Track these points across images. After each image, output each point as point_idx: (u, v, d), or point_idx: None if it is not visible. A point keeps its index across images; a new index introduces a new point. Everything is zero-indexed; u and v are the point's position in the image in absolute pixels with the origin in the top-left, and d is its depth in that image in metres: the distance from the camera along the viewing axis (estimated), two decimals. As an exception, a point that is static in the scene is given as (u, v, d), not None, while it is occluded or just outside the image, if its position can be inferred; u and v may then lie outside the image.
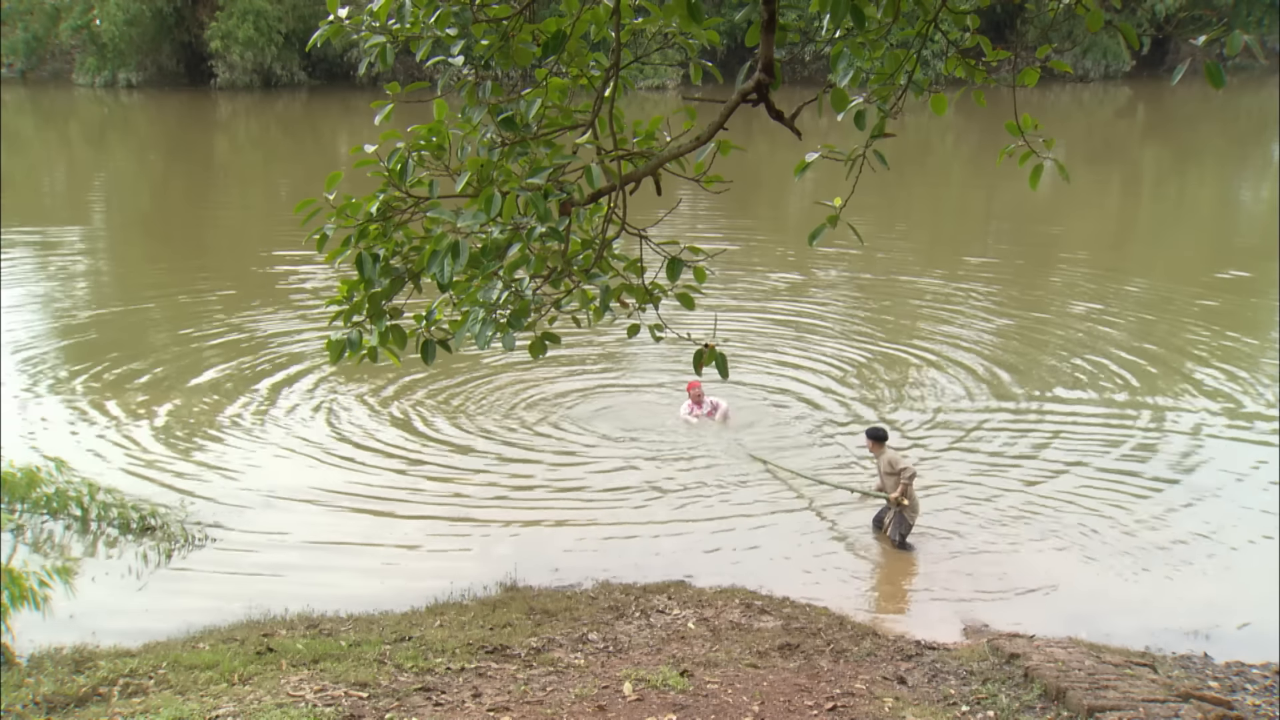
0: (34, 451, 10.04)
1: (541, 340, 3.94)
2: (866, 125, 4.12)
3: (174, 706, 5.49)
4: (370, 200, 3.72)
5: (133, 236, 22.30)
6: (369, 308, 3.79)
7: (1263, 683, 6.91)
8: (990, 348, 14.05)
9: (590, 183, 3.65)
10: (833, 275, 18.26)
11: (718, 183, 3.92)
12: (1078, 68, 48.61)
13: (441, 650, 6.60)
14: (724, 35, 29.01)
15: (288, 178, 30.09)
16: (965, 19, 4.12)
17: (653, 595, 7.88)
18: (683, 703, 5.76)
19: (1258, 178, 30.44)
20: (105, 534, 8.90)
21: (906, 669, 6.68)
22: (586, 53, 3.88)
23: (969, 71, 4.13)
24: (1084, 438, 11.08)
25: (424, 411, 11.70)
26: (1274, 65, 44.01)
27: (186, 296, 16.52)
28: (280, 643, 6.70)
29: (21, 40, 48.84)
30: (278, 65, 46.61)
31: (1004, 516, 9.41)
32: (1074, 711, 5.82)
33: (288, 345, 13.94)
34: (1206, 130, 38.19)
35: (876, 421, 11.28)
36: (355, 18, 3.64)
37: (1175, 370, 13.14)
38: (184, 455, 10.63)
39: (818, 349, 14.03)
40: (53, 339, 14.59)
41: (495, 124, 3.74)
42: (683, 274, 3.88)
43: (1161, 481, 10.14)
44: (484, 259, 3.54)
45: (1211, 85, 3.49)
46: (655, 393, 12.44)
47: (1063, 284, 17.68)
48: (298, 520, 9.35)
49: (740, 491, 9.96)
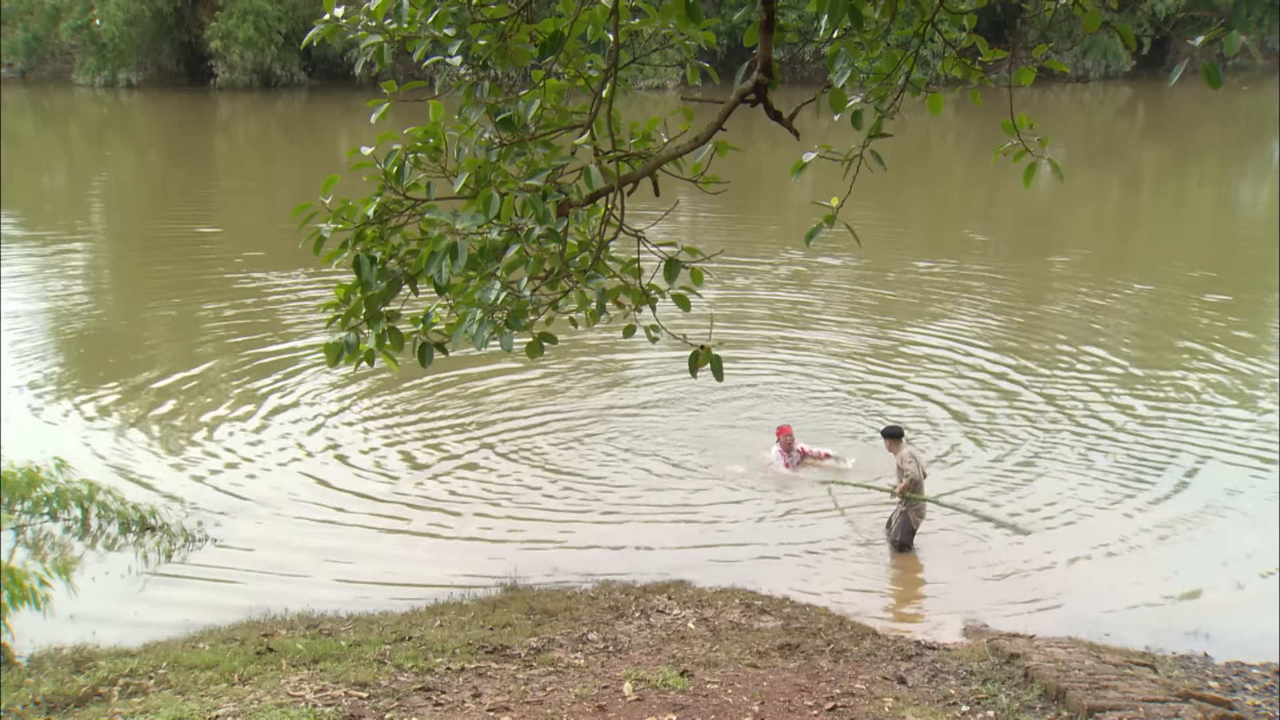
0: (34, 451, 10.04)
1: (539, 341, 3.94)
2: (864, 125, 4.11)
3: (174, 706, 5.49)
4: (367, 203, 3.72)
5: (132, 236, 22.29)
6: (366, 311, 3.79)
7: (1263, 683, 6.91)
8: (988, 348, 14.04)
9: (588, 183, 3.65)
10: (832, 275, 18.24)
11: (715, 183, 3.91)
12: (1077, 68, 48.56)
13: (441, 650, 6.60)
14: (722, 35, 29.02)
15: (287, 178, 30.09)
16: (962, 19, 4.12)
17: (653, 595, 7.88)
18: (683, 703, 5.76)
19: (1258, 177, 30.43)
20: (105, 534, 8.91)
21: (906, 669, 6.68)
22: (584, 54, 3.87)
23: (966, 71, 4.13)
24: (1083, 437, 11.08)
25: (423, 412, 11.70)
26: (1274, 65, 44.04)
27: (187, 297, 16.51)
28: (280, 643, 6.70)
29: (21, 40, 48.80)
30: (277, 65, 46.60)
31: (1004, 516, 9.40)
32: (1074, 711, 5.81)
33: (288, 346, 13.94)
34: (1206, 130, 38.17)
35: (877, 420, 11.29)
36: (352, 17, 3.63)
37: (1175, 370, 13.13)
38: (184, 455, 10.63)
39: (818, 349, 14.03)
40: (53, 339, 14.59)
41: (493, 124, 3.74)
42: (680, 275, 3.88)
43: (1161, 481, 10.13)
44: (482, 260, 3.54)
45: (1209, 85, 3.50)
46: (655, 393, 12.44)
47: (1062, 285, 17.67)
48: (298, 520, 9.35)
49: (741, 491, 9.96)
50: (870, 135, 4.02)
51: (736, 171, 22.58)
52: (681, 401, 12.01)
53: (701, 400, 11.98)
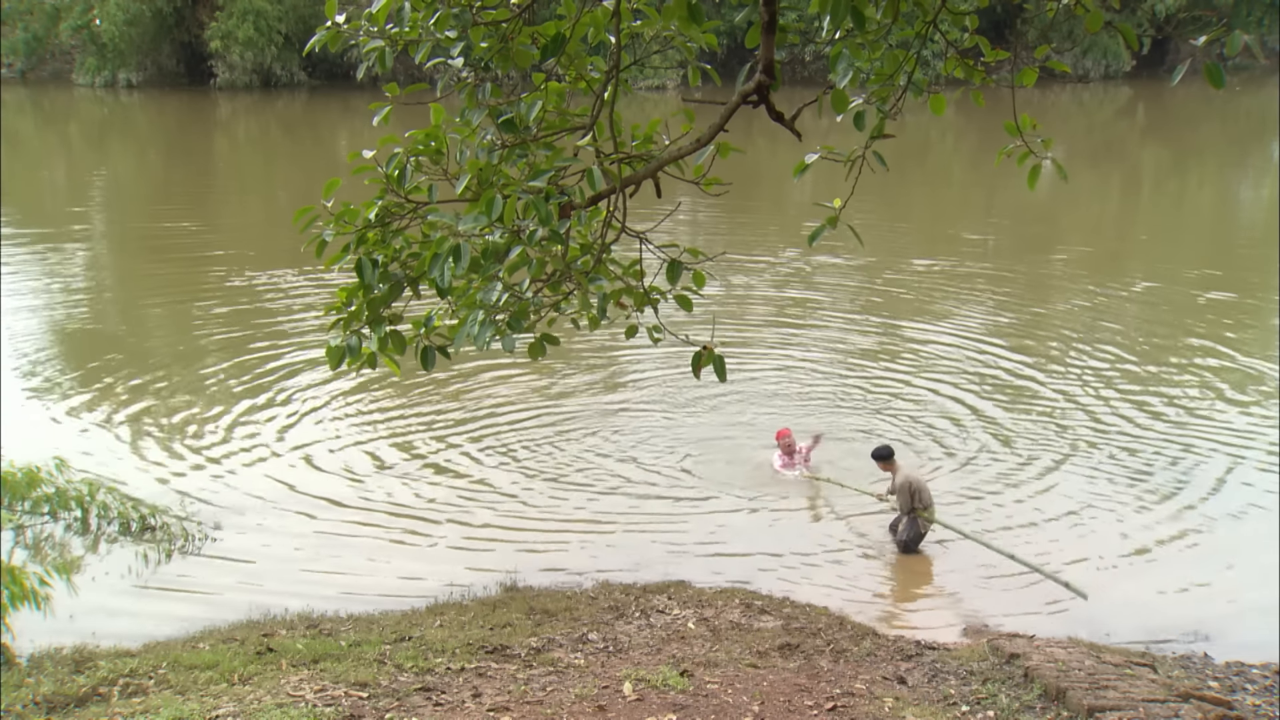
0: (34, 451, 10.04)
1: (541, 342, 3.94)
2: (866, 126, 4.11)
3: (174, 706, 5.49)
4: (369, 206, 3.72)
5: (132, 237, 22.29)
6: (368, 314, 3.79)
7: (1263, 683, 6.91)
8: (987, 348, 14.04)
9: (591, 185, 3.65)
10: (833, 275, 18.24)
11: (717, 185, 3.91)
12: (1078, 68, 48.55)
13: (441, 650, 6.61)
14: (722, 35, 28.97)
15: (287, 178, 30.08)
16: (964, 19, 4.12)
17: (653, 595, 7.89)
18: (683, 703, 5.76)
19: (1258, 177, 30.43)
20: (105, 534, 8.91)
21: (906, 669, 6.69)
22: (585, 56, 3.87)
23: (968, 72, 4.13)
24: (1082, 437, 11.08)
25: (423, 413, 11.70)
26: (1274, 65, 44.01)
27: (187, 297, 16.51)
28: (280, 643, 6.71)
29: (21, 40, 48.76)
30: (277, 65, 46.58)
31: (1003, 517, 9.41)
32: (1074, 711, 5.82)
33: (288, 347, 13.94)
34: (1206, 130, 38.17)
35: (878, 419, 11.29)
36: (354, 23, 3.64)
37: (1175, 370, 13.14)
38: (184, 456, 10.63)
39: (819, 348, 14.03)
40: (53, 339, 14.59)
41: (495, 126, 3.74)
42: (681, 276, 3.88)
43: (1161, 481, 10.13)
44: (484, 262, 3.54)
45: (1211, 86, 3.50)
46: (656, 392, 12.44)
47: (1061, 285, 17.68)
48: (297, 520, 9.35)
49: (740, 491, 9.96)
50: (873, 136, 4.02)
51: (737, 171, 22.57)
52: (683, 401, 12.01)
53: (703, 400, 11.98)
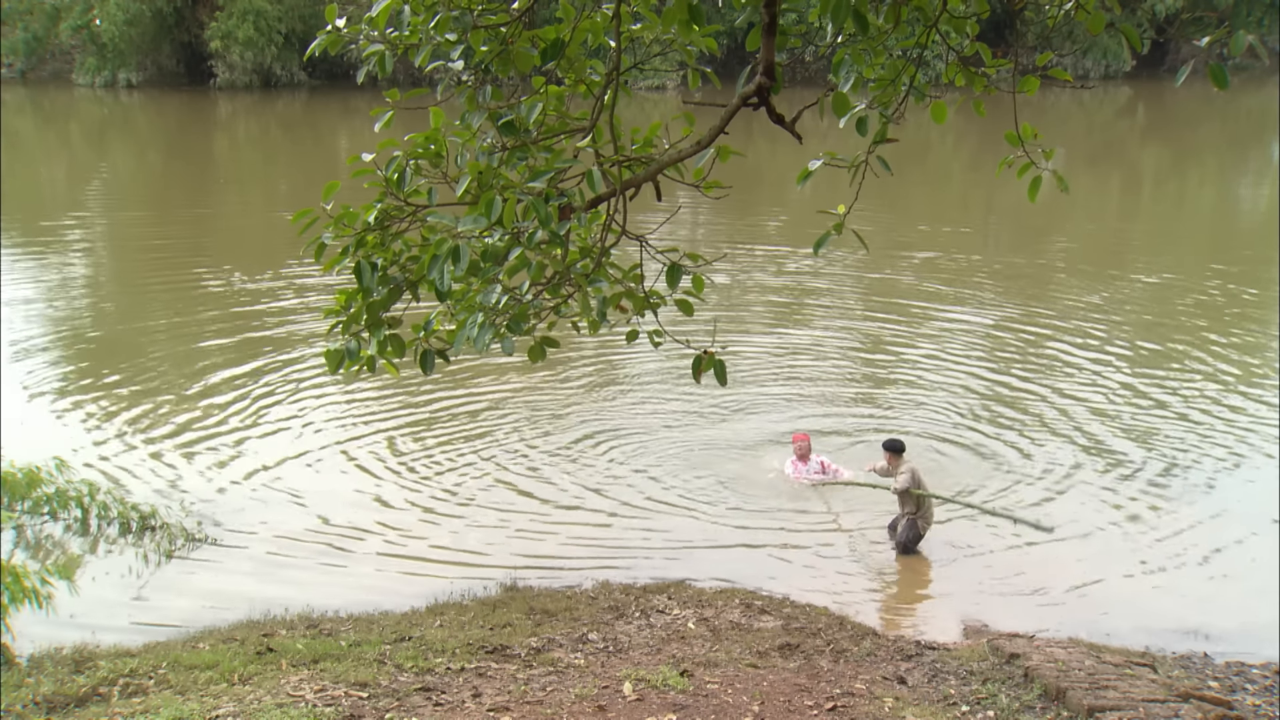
0: (34, 451, 10.04)
1: (541, 345, 3.94)
2: (869, 131, 4.11)
3: (174, 706, 5.50)
4: (368, 209, 3.72)
5: (132, 237, 22.28)
6: (367, 317, 3.80)
7: (1263, 683, 6.92)
8: (987, 348, 14.05)
9: (591, 188, 3.65)
10: (834, 274, 18.25)
11: (717, 188, 3.91)
12: (1078, 68, 48.49)
13: (441, 650, 6.61)
14: (723, 38, 28.96)
15: (288, 179, 30.09)
16: (965, 25, 4.12)
17: (653, 595, 7.89)
18: (683, 703, 5.77)
19: (1258, 177, 30.44)
20: (105, 534, 8.91)
21: (906, 669, 6.69)
22: (585, 59, 3.88)
23: (969, 79, 4.13)
24: (1082, 437, 11.09)
25: (423, 414, 11.71)
26: (1274, 65, 43.99)
27: (187, 298, 16.51)
28: (280, 643, 6.71)
29: (21, 40, 48.77)
30: (277, 65, 46.58)
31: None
32: (1074, 711, 5.83)
33: (289, 347, 13.95)
34: (1206, 130, 38.16)
35: (880, 419, 11.30)
36: (354, 27, 3.64)
37: (1175, 370, 13.14)
38: (184, 456, 10.64)
39: (821, 347, 14.03)
40: (53, 339, 14.59)
41: (495, 129, 3.74)
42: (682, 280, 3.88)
43: (1161, 481, 10.13)
44: (484, 264, 3.54)
45: (1216, 86, 3.50)
46: (657, 394, 12.44)
47: (1061, 285, 17.68)
48: (297, 520, 9.35)
49: (740, 491, 9.97)
50: (875, 141, 4.01)
51: (737, 173, 22.56)
52: (683, 402, 12.01)
53: (703, 401, 11.98)
